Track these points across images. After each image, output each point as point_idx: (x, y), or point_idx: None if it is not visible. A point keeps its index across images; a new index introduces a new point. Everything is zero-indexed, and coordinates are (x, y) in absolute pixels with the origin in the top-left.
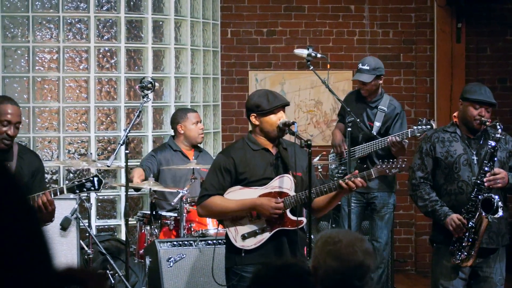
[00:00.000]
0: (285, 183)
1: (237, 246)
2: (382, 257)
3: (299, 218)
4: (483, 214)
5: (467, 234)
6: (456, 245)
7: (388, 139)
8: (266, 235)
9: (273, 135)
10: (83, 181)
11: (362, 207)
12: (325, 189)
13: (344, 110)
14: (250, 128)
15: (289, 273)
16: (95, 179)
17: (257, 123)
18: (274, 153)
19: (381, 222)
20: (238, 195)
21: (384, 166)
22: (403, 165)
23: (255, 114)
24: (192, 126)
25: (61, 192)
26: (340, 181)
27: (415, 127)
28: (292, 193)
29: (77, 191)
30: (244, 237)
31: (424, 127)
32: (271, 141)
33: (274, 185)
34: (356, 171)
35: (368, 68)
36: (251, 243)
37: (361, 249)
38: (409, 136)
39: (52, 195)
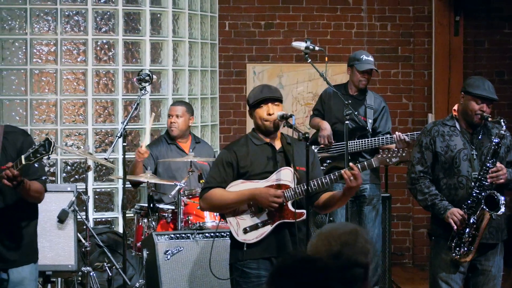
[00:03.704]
0: (286, 175)
1: (239, 240)
2: (375, 249)
3: (300, 211)
4: (487, 210)
5: (467, 229)
6: (455, 240)
7: (395, 135)
8: (268, 228)
9: (262, 129)
10: (36, 147)
11: (350, 202)
12: (325, 181)
13: (321, 105)
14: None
15: (315, 267)
16: (46, 142)
17: (252, 118)
18: (278, 147)
19: (372, 214)
20: (239, 189)
21: (384, 155)
22: (404, 154)
23: (250, 110)
24: (167, 119)
25: (20, 163)
26: (342, 171)
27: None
28: (293, 185)
29: (33, 159)
30: (245, 231)
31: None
32: (265, 135)
33: (275, 178)
34: (351, 164)
35: (372, 60)
36: (252, 237)
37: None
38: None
39: (15, 169)
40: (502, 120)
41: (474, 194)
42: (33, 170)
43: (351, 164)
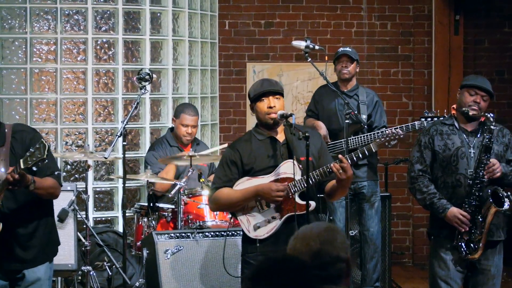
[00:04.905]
0: (289, 168)
1: (250, 236)
2: (375, 246)
3: (307, 202)
4: (494, 206)
5: (474, 227)
6: (461, 239)
7: (387, 132)
8: (277, 222)
9: (264, 122)
10: (33, 150)
11: (349, 200)
12: (322, 171)
13: (314, 105)
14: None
15: (290, 266)
16: (41, 145)
17: (253, 112)
18: (281, 140)
19: (371, 211)
20: (246, 186)
21: (383, 139)
22: (401, 136)
23: (251, 104)
24: (181, 127)
25: (20, 166)
26: (331, 164)
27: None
28: (297, 177)
29: (30, 162)
30: (256, 227)
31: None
32: (268, 129)
33: (278, 171)
34: (340, 156)
35: (350, 50)
36: (263, 232)
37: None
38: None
39: (16, 172)
40: (490, 115)
41: (475, 192)
42: (45, 166)
43: (340, 156)
